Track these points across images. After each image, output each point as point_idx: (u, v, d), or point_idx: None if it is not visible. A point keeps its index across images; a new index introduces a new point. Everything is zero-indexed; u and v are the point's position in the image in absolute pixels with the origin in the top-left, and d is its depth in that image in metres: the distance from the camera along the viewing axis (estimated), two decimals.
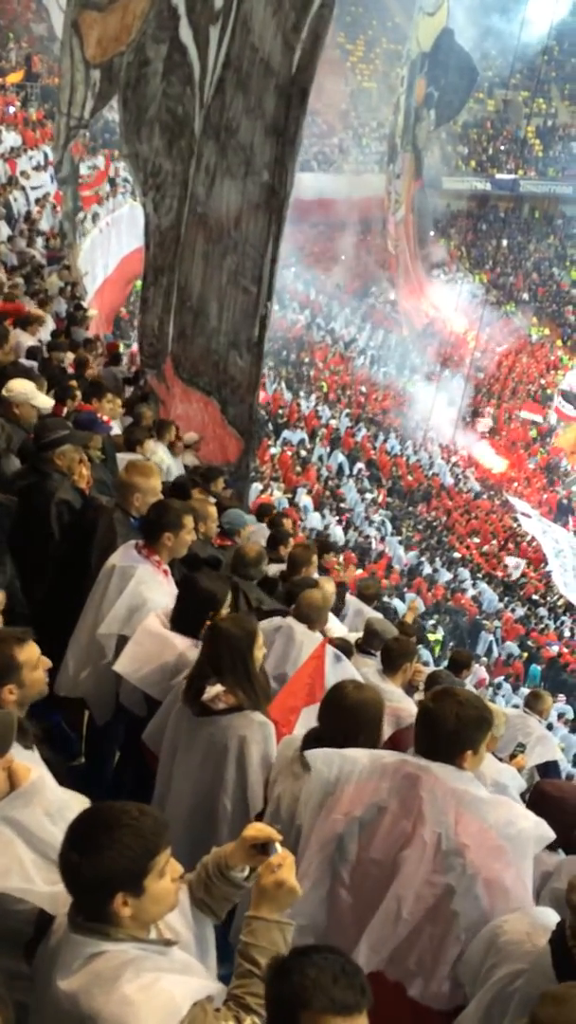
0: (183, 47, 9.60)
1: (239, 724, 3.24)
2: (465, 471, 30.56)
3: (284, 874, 2.09)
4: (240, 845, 2.26)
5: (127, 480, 4.48)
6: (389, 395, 31.52)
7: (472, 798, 2.66)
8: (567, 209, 45.32)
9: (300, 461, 23.29)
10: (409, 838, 2.64)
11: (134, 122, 10.23)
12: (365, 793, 2.72)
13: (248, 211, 8.97)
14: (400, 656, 4.92)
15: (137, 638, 3.76)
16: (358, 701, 3.03)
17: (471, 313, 35.58)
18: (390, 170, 33.82)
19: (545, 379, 38.19)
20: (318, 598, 4.58)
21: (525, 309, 41.19)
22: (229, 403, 10.03)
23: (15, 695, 2.78)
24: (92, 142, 25.38)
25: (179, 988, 1.86)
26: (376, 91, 40.59)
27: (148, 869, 1.95)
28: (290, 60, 8.03)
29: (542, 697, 6.55)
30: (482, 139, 44.88)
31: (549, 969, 2.30)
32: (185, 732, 3.34)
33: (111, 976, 1.85)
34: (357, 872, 2.71)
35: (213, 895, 2.29)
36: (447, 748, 2.69)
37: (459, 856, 2.58)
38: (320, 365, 31.61)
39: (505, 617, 21.39)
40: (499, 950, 2.44)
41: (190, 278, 10.16)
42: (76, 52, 11.15)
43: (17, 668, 2.75)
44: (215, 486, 7.69)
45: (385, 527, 22.74)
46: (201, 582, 3.78)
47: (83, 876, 1.91)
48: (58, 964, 1.93)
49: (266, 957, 1.98)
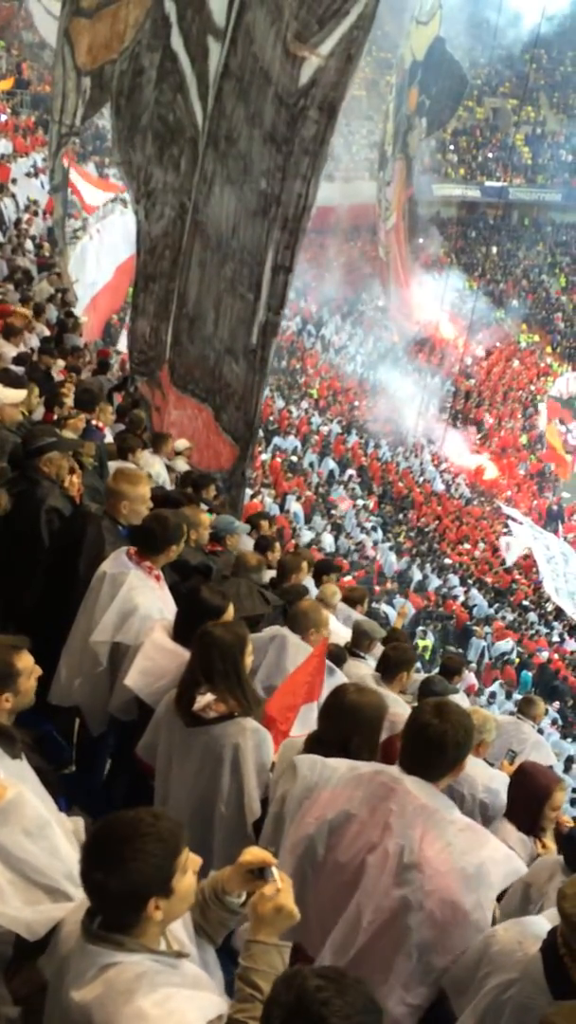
0: (174, 54, 9.62)
1: (232, 732, 3.23)
2: (456, 477, 30.64)
3: (283, 899, 2.08)
4: (236, 871, 2.25)
5: (115, 488, 4.47)
6: (379, 401, 31.59)
7: (441, 818, 2.64)
8: (556, 216, 45.59)
9: (291, 468, 23.31)
10: (374, 847, 2.64)
11: (128, 130, 10.25)
12: (339, 799, 2.73)
13: (246, 219, 8.98)
14: (397, 664, 4.93)
15: (147, 652, 3.72)
16: (357, 704, 3.03)
17: (461, 320, 35.75)
18: (381, 177, 33.95)
19: (535, 385, 38.34)
20: (309, 607, 4.58)
21: (515, 316, 41.36)
22: (223, 410, 10.03)
23: (10, 703, 2.80)
24: (82, 149, 25.41)
25: (192, 1005, 1.87)
26: (366, 98, 40.76)
27: (174, 870, 1.97)
28: (291, 70, 8.06)
29: (535, 703, 6.57)
30: (471, 147, 45.09)
31: (541, 978, 2.30)
32: (179, 742, 3.32)
33: (126, 989, 1.85)
34: (323, 874, 2.72)
35: (209, 920, 2.29)
36: (450, 763, 2.69)
37: (417, 871, 2.56)
38: (311, 371, 31.66)
39: (495, 624, 21.42)
40: (491, 959, 2.44)
41: (187, 285, 10.17)
42: (67, 60, 11.15)
43: (15, 676, 2.78)
44: (206, 493, 7.68)
45: (376, 532, 22.77)
46: (203, 595, 3.78)
47: (112, 892, 1.91)
48: (71, 974, 1.93)
49: (266, 980, 1.98)
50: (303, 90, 8.14)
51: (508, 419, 36.05)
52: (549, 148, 45.61)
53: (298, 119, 8.27)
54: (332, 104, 8.01)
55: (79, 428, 6.82)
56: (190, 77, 9.51)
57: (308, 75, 8.09)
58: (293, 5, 7.93)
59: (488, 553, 25.68)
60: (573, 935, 2.24)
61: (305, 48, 7.96)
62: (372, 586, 18.76)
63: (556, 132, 46.28)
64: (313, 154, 8.28)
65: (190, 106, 9.61)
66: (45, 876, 2.29)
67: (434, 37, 31.20)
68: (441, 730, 2.65)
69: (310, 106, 8.18)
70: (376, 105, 33.29)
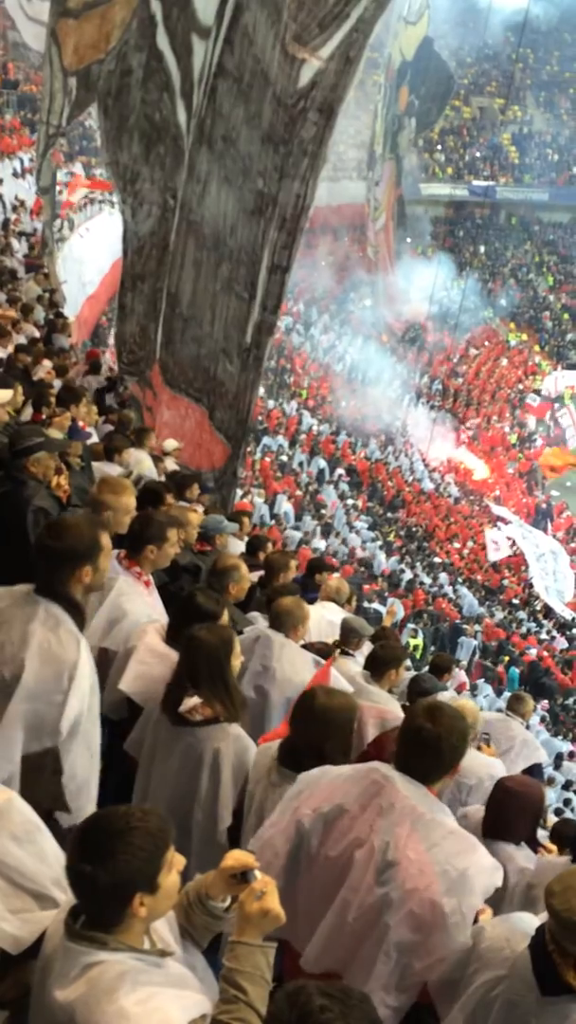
0: (160, 53, 9.62)
1: (216, 736, 3.24)
2: (445, 476, 30.69)
3: (268, 901, 2.08)
4: (219, 876, 2.25)
5: (98, 498, 4.41)
6: (368, 400, 31.61)
7: (430, 820, 2.63)
8: (543, 215, 45.73)
9: (280, 467, 23.32)
10: (361, 843, 2.64)
11: (115, 130, 10.23)
12: (336, 792, 2.74)
13: (244, 219, 8.99)
14: (386, 662, 4.93)
15: (140, 657, 3.72)
16: (327, 707, 3.01)
17: (449, 319, 35.81)
18: (370, 177, 33.95)
19: (523, 384, 38.45)
20: (290, 605, 4.57)
21: (503, 314, 41.46)
22: (217, 409, 10.03)
23: (90, 578, 3.02)
24: (69, 149, 25.37)
25: (175, 1004, 1.86)
26: (353, 98, 40.72)
27: (161, 866, 1.97)
28: (289, 71, 8.09)
29: (524, 700, 6.58)
30: (458, 146, 45.18)
31: (529, 975, 2.30)
32: (163, 740, 3.34)
33: (108, 988, 1.85)
34: (314, 868, 2.72)
35: (194, 924, 2.29)
36: (446, 766, 2.69)
37: (396, 869, 2.57)
38: (300, 371, 31.66)
39: (485, 622, 21.48)
40: (480, 956, 2.45)
41: (180, 285, 10.15)
42: (55, 60, 11.13)
43: (99, 551, 3.03)
44: (189, 493, 7.67)
45: (366, 533, 22.79)
46: (198, 598, 3.77)
47: (100, 885, 1.90)
48: (54, 973, 1.92)
49: (251, 981, 1.98)
50: (303, 92, 8.18)
51: (496, 417, 36.15)
52: (536, 147, 45.77)
53: (297, 120, 8.30)
54: (331, 106, 8.07)
55: (65, 426, 6.80)
56: (176, 76, 9.51)
57: (308, 77, 8.13)
58: (292, 7, 7.96)
59: (478, 551, 25.75)
60: (562, 932, 2.23)
61: (305, 50, 7.99)
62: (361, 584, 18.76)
63: (543, 131, 46.45)
64: (312, 155, 8.33)
65: (176, 105, 9.61)
66: (33, 882, 2.28)
67: (423, 37, 31.24)
68: (435, 734, 2.64)
69: (310, 108, 8.22)
70: (363, 105, 33.27)
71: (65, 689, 2.87)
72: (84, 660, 2.94)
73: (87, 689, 2.95)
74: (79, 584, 3.03)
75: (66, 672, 2.88)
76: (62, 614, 2.96)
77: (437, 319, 37.32)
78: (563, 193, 44.88)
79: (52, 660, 2.88)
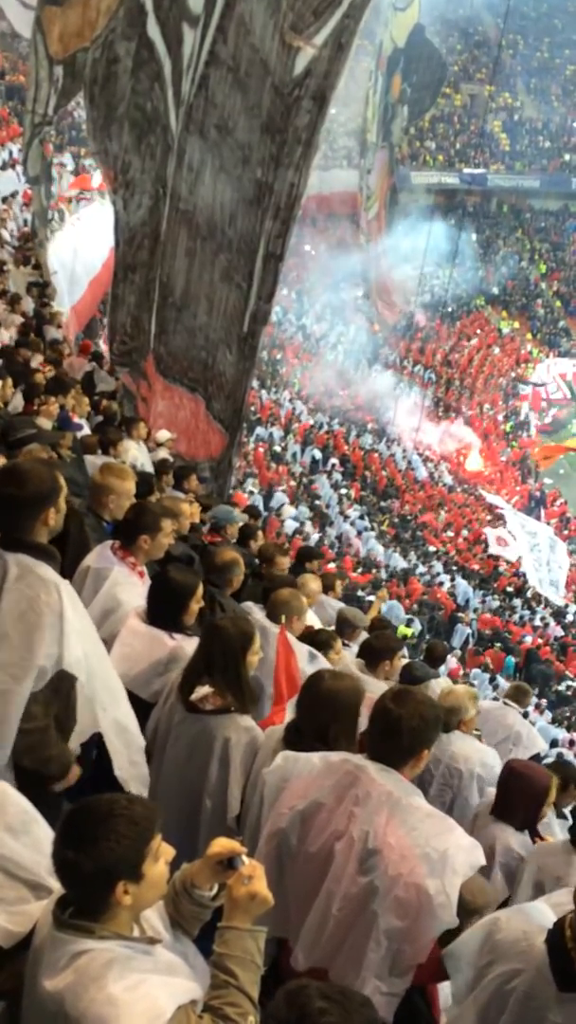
0: (151, 43, 9.54)
1: (226, 726, 3.25)
2: (438, 465, 30.69)
3: (256, 885, 2.08)
4: (205, 863, 2.24)
5: (101, 482, 4.42)
6: (361, 390, 31.58)
7: (407, 805, 2.63)
8: (535, 203, 45.60)
9: (274, 457, 23.29)
10: (341, 834, 2.64)
11: (103, 119, 10.16)
12: (311, 788, 2.73)
13: (243, 208, 8.95)
14: (380, 652, 4.93)
15: (124, 639, 3.72)
16: (333, 689, 3.01)
17: (441, 308, 35.76)
18: (362, 165, 33.82)
19: (516, 372, 38.44)
20: (286, 595, 4.56)
21: (495, 303, 41.38)
22: (214, 398, 10.01)
23: (53, 521, 3.00)
24: (59, 139, 25.17)
25: (164, 991, 1.86)
26: (343, 87, 40.54)
27: (145, 854, 1.96)
28: (286, 60, 8.05)
29: (526, 691, 6.60)
30: (449, 133, 45.01)
31: (546, 969, 2.27)
32: (175, 726, 3.36)
33: (96, 975, 1.84)
34: (297, 864, 2.72)
35: (182, 913, 2.29)
36: (406, 749, 2.67)
37: (379, 857, 2.57)
38: (292, 361, 31.60)
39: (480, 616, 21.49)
40: (495, 947, 2.41)
41: (172, 275, 10.10)
42: (40, 48, 11.05)
43: (60, 490, 3.01)
44: (188, 483, 7.65)
45: (360, 522, 22.79)
46: (171, 574, 3.78)
47: (83, 870, 1.90)
48: (43, 963, 1.92)
49: (241, 966, 1.98)
50: (297, 80, 8.15)
51: (489, 405, 36.14)
52: (527, 134, 45.62)
53: (292, 108, 8.28)
54: (324, 93, 8.04)
55: (53, 414, 6.77)
56: (167, 66, 9.45)
57: (303, 65, 8.11)
58: None
59: (472, 540, 25.77)
60: None
61: (301, 39, 7.97)
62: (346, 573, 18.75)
63: (534, 119, 46.29)
64: (305, 143, 8.30)
65: (167, 95, 9.55)
66: (28, 872, 2.28)
67: (414, 23, 31.09)
68: (396, 715, 2.63)
69: (304, 95, 8.20)
70: (354, 93, 33.15)
71: (46, 638, 2.83)
72: (66, 604, 2.89)
73: (74, 631, 2.91)
74: (44, 528, 2.99)
75: (46, 619, 2.84)
76: (33, 562, 2.90)
77: (429, 308, 37.26)
78: (554, 180, 44.75)
79: (28, 612, 2.84)
